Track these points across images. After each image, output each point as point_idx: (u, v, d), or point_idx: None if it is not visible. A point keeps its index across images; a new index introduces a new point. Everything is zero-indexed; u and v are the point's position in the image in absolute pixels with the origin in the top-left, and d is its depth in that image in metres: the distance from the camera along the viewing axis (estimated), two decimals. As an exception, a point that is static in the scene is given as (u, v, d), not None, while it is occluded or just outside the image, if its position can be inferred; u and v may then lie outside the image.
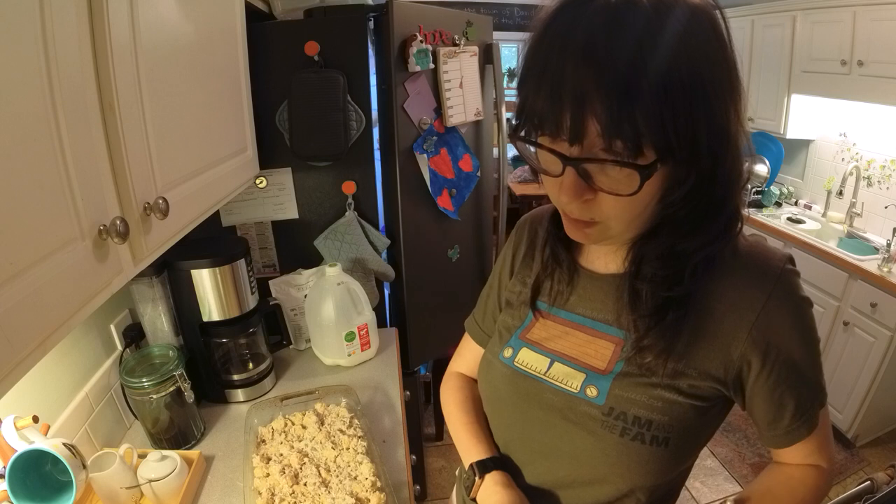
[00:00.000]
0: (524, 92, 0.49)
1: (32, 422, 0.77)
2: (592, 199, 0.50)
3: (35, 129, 0.51)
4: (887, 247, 2.11)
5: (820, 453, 0.61)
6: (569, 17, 0.45)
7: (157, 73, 0.73)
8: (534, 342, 0.67)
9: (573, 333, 0.64)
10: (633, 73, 0.42)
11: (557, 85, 0.45)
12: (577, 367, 0.62)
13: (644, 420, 0.56)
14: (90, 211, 0.58)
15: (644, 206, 0.50)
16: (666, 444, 0.56)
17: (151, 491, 0.89)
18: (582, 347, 0.63)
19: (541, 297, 0.68)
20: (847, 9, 2.16)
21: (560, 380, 0.63)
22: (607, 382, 0.59)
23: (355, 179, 1.40)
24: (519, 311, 0.71)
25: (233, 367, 1.23)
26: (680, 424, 0.56)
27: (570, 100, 0.44)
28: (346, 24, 1.27)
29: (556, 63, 0.45)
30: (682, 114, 0.43)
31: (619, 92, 0.42)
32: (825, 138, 2.74)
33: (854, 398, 2.14)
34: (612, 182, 0.48)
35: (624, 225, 0.53)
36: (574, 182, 0.49)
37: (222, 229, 1.41)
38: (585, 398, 0.60)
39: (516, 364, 0.67)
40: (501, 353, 0.70)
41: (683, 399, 0.56)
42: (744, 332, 0.54)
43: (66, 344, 0.97)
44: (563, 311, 0.66)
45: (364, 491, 0.87)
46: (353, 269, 1.43)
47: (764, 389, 0.56)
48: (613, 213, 0.51)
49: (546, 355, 0.65)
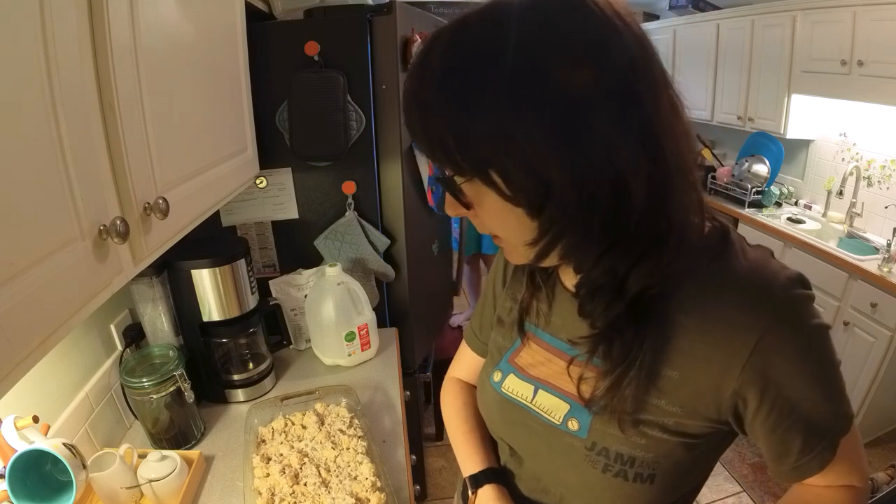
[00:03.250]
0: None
1: (32, 422, 0.77)
2: (473, 214, 0.51)
3: (35, 129, 0.51)
4: (887, 247, 2.10)
5: (851, 475, 0.54)
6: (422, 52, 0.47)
7: (158, 72, 0.73)
8: (519, 368, 0.65)
9: (554, 360, 0.61)
10: (426, 93, 0.44)
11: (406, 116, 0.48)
12: (561, 396, 0.60)
13: (627, 457, 0.54)
14: (90, 211, 0.58)
15: (508, 222, 0.48)
16: (651, 481, 0.54)
17: (151, 491, 0.89)
18: (564, 374, 0.60)
19: (530, 317, 0.65)
20: (847, 9, 2.16)
21: (545, 409, 0.61)
22: (588, 416, 0.56)
23: (355, 179, 1.40)
24: (510, 331, 0.68)
25: (233, 367, 1.23)
26: (667, 461, 0.53)
27: (411, 129, 0.47)
28: (346, 24, 1.27)
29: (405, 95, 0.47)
30: (474, 133, 0.42)
31: (419, 112, 0.45)
32: (825, 138, 2.74)
33: (854, 398, 2.14)
34: (472, 196, 0.49)
35: (515, 242, 0.50)
36: (447, 195, 0.51)
37: (222, 229, 1.41)
38: (567, 431, 0.58)
39: (503, 390, 0.66)
40: (492, 377, 0.68)
41: (669, 436, 0.52)
42: (736, 370, 0.48)
43: (66, 344, 0.97)
44: (546, 335, 0.63)
45: (364, 491, 0.87)
46: (353, 269, 1.43)
47: (764, 427, 0.51)
48: (496, 229, 0.51)
49: (530, 382, 0.63)
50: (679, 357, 0.50)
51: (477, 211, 0.50)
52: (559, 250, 0.48)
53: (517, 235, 0.49)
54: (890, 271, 1.99)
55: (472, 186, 0.47)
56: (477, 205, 0.49)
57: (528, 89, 0.40)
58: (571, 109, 0.40)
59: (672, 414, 0.52)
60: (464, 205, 0.50)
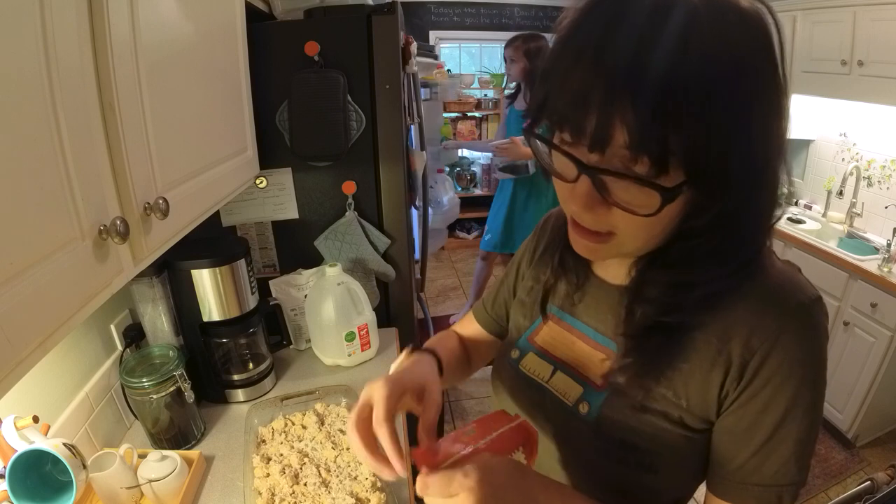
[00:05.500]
0: (546, 87, 0.45)
1: (32, 422, 0.77)
2: (605, 211, 0.46)
3: (35, 129, 0.51)
4: (887, 247, 2.10)
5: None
6: (611, 10, 0.40)
7: (158, 72, 0.73)
8: (540, 347, 0.66)
9: (577, 343, 0.62)
10: (673, 86, 0.37)
11: (587, 86, 0.40)
12: (576, 378, 0.61)
13: (630, 444, 0.54)
14: (90, 211, 0.58)
15: (662, 227, 0.46)
16: (655, 471, 0.54)
17: (151, 491, 0.89)
18: (583, 358, 0.61)
19: (554, 299, 0.66)
20: (847, 9, 2.16)
21: (560, 390, 0.62)
22: (599, 400, 0.57)
23: (355, 179, 1.40)
24: (530, 311, 0.69)
25: (233, 367, 1.23)
26: (669, 451, 0.53)
27: (599, 104, 0.39)
28: (346, 24, 1.27)
29: (588, 63, 0.40)
30: (718, 134, 0.39)
31: (656, 104, 0.38)
32: (825, 138, 2.74)
33: (854, 398, 2.14)
34: (629, 198, 0.43)
35: (638, 245, 0.49)
36: (587, 192, 0.45)
37: (222, 229, 1.41)
38: (577, 413, 0.59)
39: (521, 368, 0.66)
40: (510, 354, 0.69)
41: (673, 427, 0.53)
42: (740, 367, 0.49)
43: (67, 344, 0.97)
44: (571, 318, 0.64)
45: (364, 491, 0.87)
46: (354, 269, 1.43)
47: (734, 418, 0.50)
48: (627, 230, 0.47)
49: (550, 362, 0.64)
50: (693, 351, 0.51)
51: (612, 209, 0.45)
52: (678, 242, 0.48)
53: (644, 230, 0.46)
54: (890, 271, 1.99)
55: (630, 184, 0.43)
56: (623, 203, 0.44)
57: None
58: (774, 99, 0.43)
59: (677, 406, 0.52)
60: (605, 203, 0.46)
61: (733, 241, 0.47)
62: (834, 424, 2.25)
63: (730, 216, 0.44)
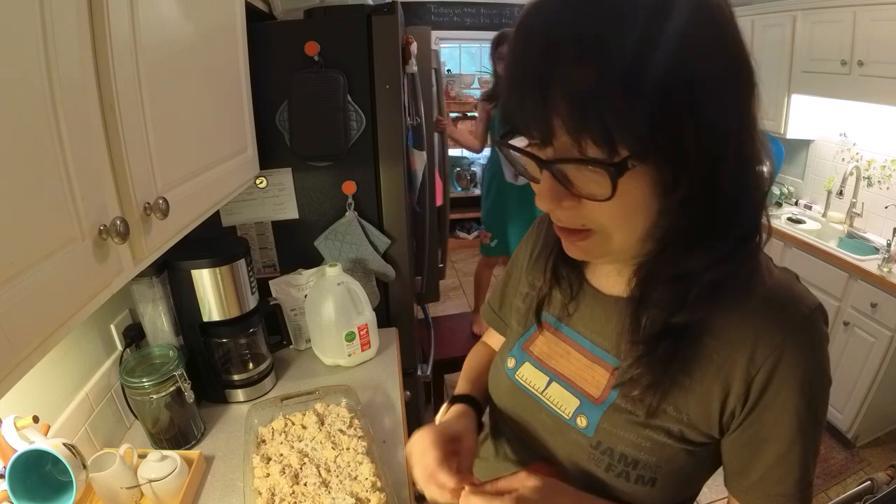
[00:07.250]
0: (503, 99, 0.47)
1: (32, 422, 0.77)
2: (576, 205, 0.46)
3: (35, 129, 0.51)
4: (887, 247, 2.10)
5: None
6: (534, 8, 0.42)
7: (158, 72, 0.73)
8: (536, 357, 0.66)
9: (573, 354, 0.62)
10: (600, 65, 0.38)
11: (521, 83, 0.42)
12: (573, 391, 0.60)
13: (630, 458, 0.54)
14: (90, 211, 0.58)
15: (637, 212, 0.45)
16: (652, 484, 0.54)
17: (151, 491, 0.89)
18: (580, 371, 0.60)
19: (549, 307, 0.66)
20: (847, 9, 2.16)
21: (555, 402, 0.61)
22: (598, 414, 0.57)
23: (355, 179, 1.40)
24: (525, 317, 0.69)
25: (233, 367, 1.23)
26: (669, 465, 0.54)
27: (533, 98, 0.42)
28: (346, 24, 1.27)
29: (520, 60, 0.43)
30: (659, 108, 0.39)
31: (582, 86, 0.39)
32: (825, 138, 2.74)
33: (854, 398, 2.14)
34: (588, 184, 0.44)
35: (624, 237, 0.48)
36: (551, 186, 0.45)
37: (222, 229, 1.41)
38: (575, 427, 0.58)
39: (517, 378, 0.66)
40: (506, 363, 0.69)
41: (674, 442, 0.53)
42: (742, 380, 0.49)
43: (66, 344, 0.97)
44: (567, 328, 0.63)
45: (364, 491, 0.87)
46: (354, 269, 1.43)
47: (742, 435, 0.51)
48: (603, 222, 0.47)
49: (546, 373, 0.64)
50: (694, 366, 0.51)
51: (582, 201, 0.46)
52: (660, 241, 0.48)
53: (620, 217, 0.46)
54: (890, 271, 1.99)
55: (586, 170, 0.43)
56: (585, 191, 0.45)
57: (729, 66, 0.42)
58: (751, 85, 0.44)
59: (678, 421, 0.53)
60: (571, 194, 0.46)
61: (719, 219, 0.46)
62: (834, 424, 2.25)
63: (704, 193, 0.44)
